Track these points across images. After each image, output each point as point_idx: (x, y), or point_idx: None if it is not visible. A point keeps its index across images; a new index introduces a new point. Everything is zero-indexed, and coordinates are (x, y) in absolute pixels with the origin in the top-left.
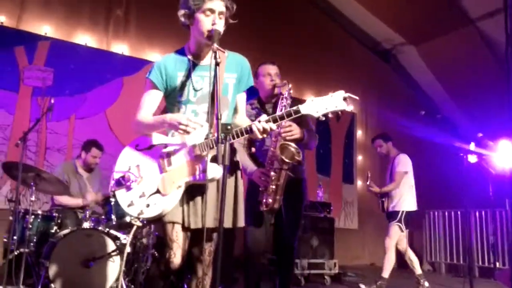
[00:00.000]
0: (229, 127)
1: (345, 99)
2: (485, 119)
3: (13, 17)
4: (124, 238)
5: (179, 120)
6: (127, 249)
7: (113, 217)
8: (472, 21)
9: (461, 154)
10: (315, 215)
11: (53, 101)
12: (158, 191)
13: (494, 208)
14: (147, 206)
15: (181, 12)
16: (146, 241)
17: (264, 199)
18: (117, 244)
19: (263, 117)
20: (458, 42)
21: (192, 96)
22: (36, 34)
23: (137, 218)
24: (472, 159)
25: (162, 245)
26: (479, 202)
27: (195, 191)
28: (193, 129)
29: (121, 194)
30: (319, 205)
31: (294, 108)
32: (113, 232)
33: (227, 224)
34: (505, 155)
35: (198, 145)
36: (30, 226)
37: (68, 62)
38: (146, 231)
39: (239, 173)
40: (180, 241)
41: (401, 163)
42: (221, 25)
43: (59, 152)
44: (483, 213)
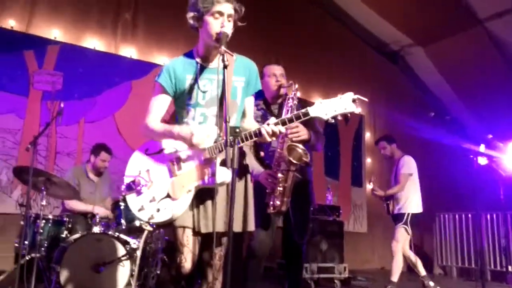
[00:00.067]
0: (238, 130)
1: (354, 101)
2: (494, 120)
3: (23, 21)
4: (134, 243)
5: (184, 136)
6: (139, 253)
7: (122, 221)
8: (480, 21)
9: (471, 156)
10: (324, 218)
11: (62, 105)
12: (168, 195)
13: (505, 210)
14: (158, 210)
15: (190, 15)
16: (155, 245)
17: (271, 201)
18: (127, 248)
19: (272, 120)
20: (466, 42)
21: (201, 99)
22: (46, 38)
23: (147, 222)
24: (482, 161)
25: (172, 249)
26: (490, 204)
27: (205, 195)
28: (201, 141)
29: (131, 199)
30: (328, 209)
31: (303, 111)
32: (123, 236)
33: (237, 228)
34: None
35: (208, 149)
36: (41, 230)
37: (77, 66)
38: (156, 235)
39: (248, 176)
40: (191, 245)
41: (406, 165)
42: (229, 27)
43: (69, 156)
44: (494, 215)
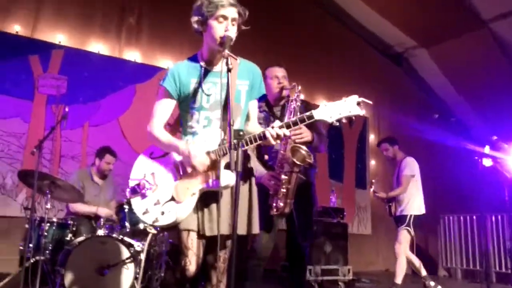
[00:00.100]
0: (242, 133)
1: (358, 103)
2: (499, 121)
3: (27, 26)
4: (138, 245)
5: (185, 156)
6: (143, 256)
7: (127, 224)
8: (484, 22)
9: (476, 157)
10: (328, 220)
11: (67, 109)
12: (172, 198)
13: (511, 212)
14: (162, 213)
15: (194, 19)
16: (160, 248)
17: (274, 203)
18: (131, 251)
19: (277, 123)
20: (471, 44)
21: (205, 103)
22: (50, 43)
23: (152, 225)
24: (487, 162)
25: (176, 252)
26: (495, 206)
27: (210, 198)
28: (199, 164)
29: (136, 202)
30: (332, 211)
31: (308, 114)
32: (127, 239)
33: (242, 231)
34: None
35: (212, 152)
36: (46, 233)
37: (81, 70)
38: (160, 238)
39: (253, 179)
40: (195, 248)
41: (408, 167)
42: (233, 31)
43: (73, 159)
44: (499, 217)
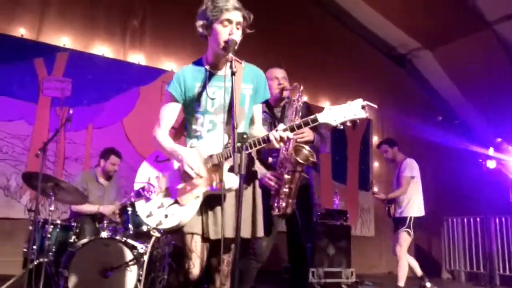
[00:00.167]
0: (245, 136)
1: (363, 107)
2: (503, 123)
3: (32, 29)
4: (141, 248)
5: (184, 167)
6: (146, 258)
7: (130, 226)
8: (488, 24)
9: (480, 160)
10: (331, 223)
11: (71, 111)
12: (176, 201)
13: None
14: (166, 216)
15: (199, 23)
16: (163, 250)
17: (276, 203)
18: (135, 253)
19: (281, 126)
20: (475, 45)
21: (210, 106)
22: (55, 46)
23: (156, 229)
24: (491, 164)
25: (179, 254)
26: (499, 208)
27: (214, 201)
28: (192, 178)
29: (140, 205)
30: (335, 213)
31: (312, 117)
32: (130, 241)
33: (246, 234)
34: None
35: (215, 155)
36: (49, 235)
37: (85, 73)
38: (163, 240)
39: (257, 182)
40: (199, 251)
41: (408, 168)
42: (238, 35)
43: (77, 161)
44: (503, 219)
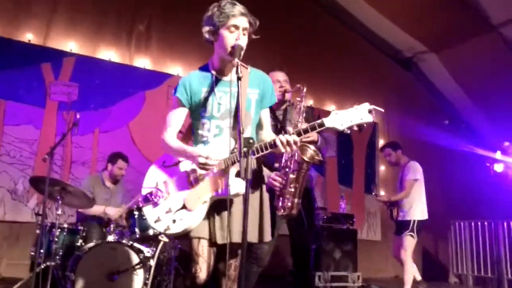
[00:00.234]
0: (252, 141)
1: (370, 111)
2: (510, 126)
3: (40, 34)
4: (147, 251)
5: (197, 157)
6: (153, 263)
7: (136, 230)
8: (495, 26)
9: (487, 163)
10: (337, 226)
11: (78, 116)
12: (184, 206)
13: None
14: (173, 221)
15: (205, 29)
16: (169, 254)
17: (280, 203)
18: (141, 257)
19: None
20: (481, 48)
21: (216, 112)
22: (62, 51)
23: (163, 234)
24: (499, 168)
25: (185, 258)
26: (507, 212)
27: (221, 206)
28: (211, 166)
29: (148, 210)
30: (341, 217)
31: (319, 121)
32: (136, 245)
33: (253, 239)
34: None
35: (223, 160)
36: (56, 239)
37: (92, 77)
38: (170, 244)
39: (264, 187)
40: (206, 256)
41: (411, 171)
42: (244, 41)
43: (83, 165)
44: (511, 224)
